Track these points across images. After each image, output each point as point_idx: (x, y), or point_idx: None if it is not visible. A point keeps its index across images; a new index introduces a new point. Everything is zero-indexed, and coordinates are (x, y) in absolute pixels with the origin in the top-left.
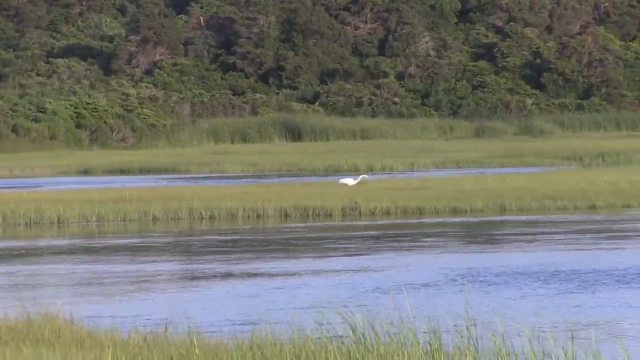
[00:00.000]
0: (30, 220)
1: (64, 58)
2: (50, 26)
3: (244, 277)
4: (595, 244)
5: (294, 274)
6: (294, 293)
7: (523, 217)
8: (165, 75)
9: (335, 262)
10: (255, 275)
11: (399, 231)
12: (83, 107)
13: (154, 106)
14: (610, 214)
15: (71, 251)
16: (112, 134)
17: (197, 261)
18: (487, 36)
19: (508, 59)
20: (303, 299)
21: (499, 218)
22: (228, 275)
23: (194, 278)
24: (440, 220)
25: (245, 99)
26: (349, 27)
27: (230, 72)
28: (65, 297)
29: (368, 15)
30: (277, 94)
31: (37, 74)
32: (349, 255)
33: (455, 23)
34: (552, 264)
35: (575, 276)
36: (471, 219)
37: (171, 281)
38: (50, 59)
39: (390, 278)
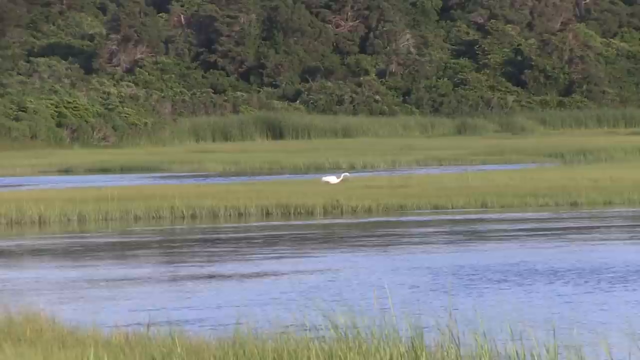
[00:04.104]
0: (11, 220)
1: (44, 57)
2: (31, 25)
3: (225, 275)
4: (578, 241)
5: (275, 272)
6: (275, 291)
7: (505, 214)
8: (146, 73)
9: (317, 260)
10: (237, 274)
11: (380, 229)
12: (64, 106)
13: (135, 105)
14: (591, 211)
15: (52, 250)
16: (93, 132)
17: (179, 260)
18: (468, 33)
19: (489, 56)
20: (285, 297)
21: (480, 215)
22: (210, 274)
23: (175, 277)
24: (422, 218)
25: (226, 97)
26: (330, 25)
27: (211, 70)
28: (46, 296)
29: (349, 13)
30: (258, 92)
31: (18, 73)
32: (331, 253)
33: (436, 20)
34: (534, 261)
35: (557, 273)
36: (453, 217)
37: (153, 280)
38: (31, 58)
39: (372, 276)
